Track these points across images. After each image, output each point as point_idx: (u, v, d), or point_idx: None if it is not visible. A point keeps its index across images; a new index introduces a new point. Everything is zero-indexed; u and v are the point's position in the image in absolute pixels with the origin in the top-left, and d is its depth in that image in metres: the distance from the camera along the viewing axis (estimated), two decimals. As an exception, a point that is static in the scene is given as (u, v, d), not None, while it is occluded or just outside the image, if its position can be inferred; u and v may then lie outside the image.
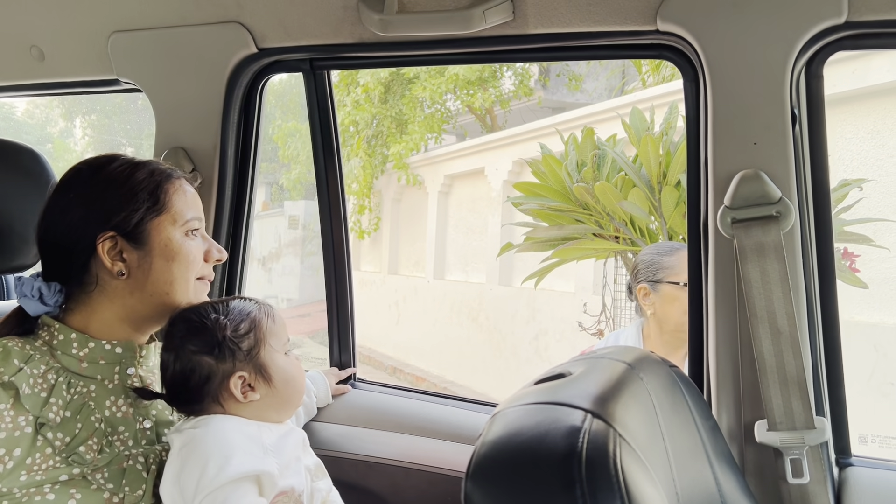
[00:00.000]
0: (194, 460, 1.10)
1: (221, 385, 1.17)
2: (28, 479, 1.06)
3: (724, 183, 1.31)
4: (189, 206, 1.26)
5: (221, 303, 1.23)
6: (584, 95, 10.89)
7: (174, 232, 1.23)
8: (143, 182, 1.24)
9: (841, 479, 1.33)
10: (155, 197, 1.23)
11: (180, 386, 1.18)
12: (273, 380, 1.20)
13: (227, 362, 1.17)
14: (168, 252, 1.22)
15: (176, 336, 1.19)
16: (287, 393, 1.23)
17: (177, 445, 1.14)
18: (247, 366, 1.18)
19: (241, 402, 1.18)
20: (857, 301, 4.43)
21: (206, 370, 1.17)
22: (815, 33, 1.25)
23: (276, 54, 1.69)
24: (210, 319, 1.19)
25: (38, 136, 17.67)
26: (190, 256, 1.24)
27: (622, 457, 0.73)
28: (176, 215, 1.24)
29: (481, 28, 1.44)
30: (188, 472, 1.09)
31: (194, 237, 1.26)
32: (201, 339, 1.18)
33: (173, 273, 1.22)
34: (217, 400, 1.18)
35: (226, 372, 1.17)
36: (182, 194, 1.26)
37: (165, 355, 1.20)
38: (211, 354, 1.17)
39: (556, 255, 3.84)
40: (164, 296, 1.22)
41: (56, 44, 1.85)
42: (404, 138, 10.34)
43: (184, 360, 1.17)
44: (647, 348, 2.28)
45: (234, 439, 1.13)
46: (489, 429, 0.81)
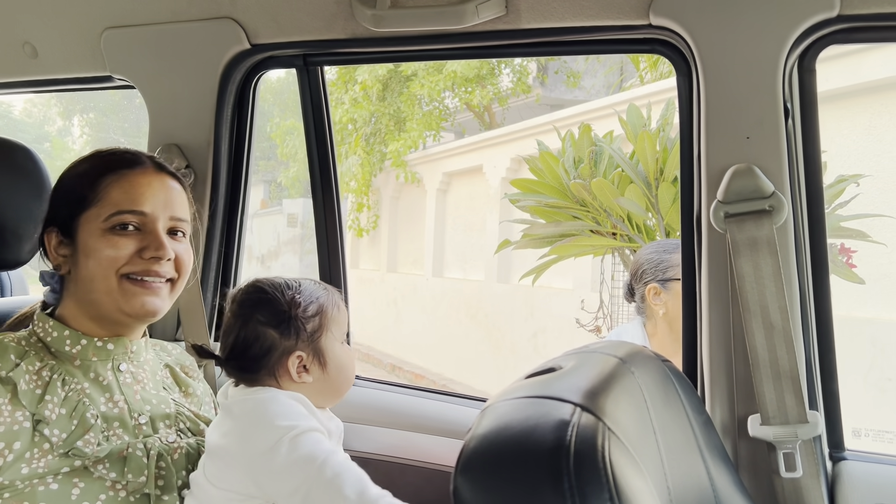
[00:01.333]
0: (262, 419, 1.12)
1: (280, 360, 1.19)
2: (30, 471, 1.07)
3: (717, 177, 1.31)
4: (126, 199, 1.21)
5: (295, 281, 1.24)
6: (582, 92, 10.88)
7: (96, 227, 1.19)
8: (80, 175, 1.24)
9: (834, 472, 1.34)
10: (84, 191, 1.21)
11: (240, 352, 1.19)
12: (328, 366, 1.22)
13: (290, 339, 1.19)
14: (87, 248, 1.20)
15: (247, 303, 1.21)
16: (338, 381, 1.24)
17: (236, 410, 1.16)
18: (307, 347, 1.20)
19: (294, 382, 1.20)
20: (854, 297, 4.43)
21: (268, 342, 1.18)
22: (808, 27, 1.25)
23: (269, 50, 1.69)
24: (283, 294, 1.21)
25: (36, 135, 17.65)
26: (104, 253, 1.18)
27: (611, 450, 0.73)
28: (102, 209, 1.20)
29: (474, 23, 1.44)
30: (259, 429, 1.11)
31: (124, 233, 1.20)
32: (270, 311, 1.19)
33: (90, 270, 1.19)
34: (272, 374, 1.19)
35: (287, 348, 1.19)
36: (120, 187, 1.21)
37: (232, 319, 1.21)
38: (277, 328, 1.19)
39: (553, 251, 3.84)
40: (91, 293, 1.21)
41: (49, 40, 1.85)
42: (402, 136, 10.33)
43: (249, 328, 1.19)
44: (655, 347, 2.27)
45: (295, 407, 1.16)
46: (479, 423, 0.81)
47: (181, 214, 1.27)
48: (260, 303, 1.20)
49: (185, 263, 1.28)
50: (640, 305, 2.35)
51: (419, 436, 1.60)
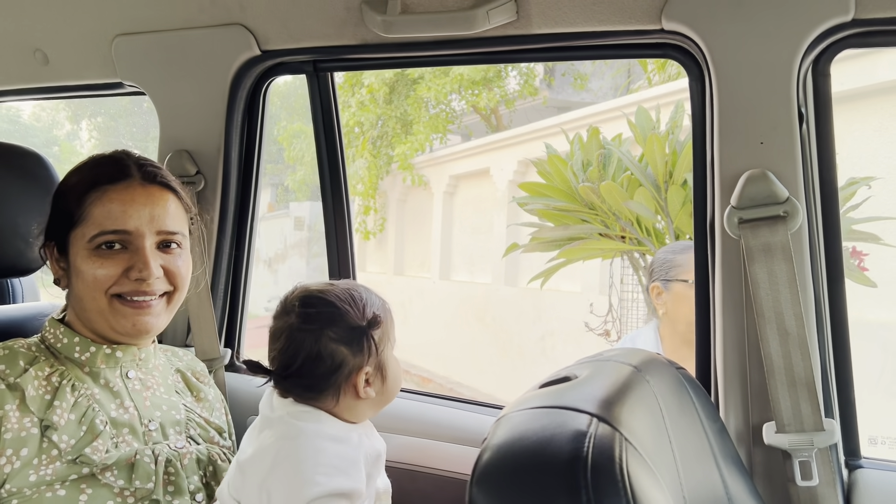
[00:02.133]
0: (288, 464, 1.07)
1: (348, 378, 1.12)
2: (38, 478, 1.07)
3: (731, 182, 1.30)
4: (109, 218, 1.17)
5: (356, 289, 1.17)
6: (590, 94, 10.86)
7: (82, 247, 1.17)
8: (67, 191, 1.22)
9: (850, 481, 1.32)
10: (71, 208, 1.18)
11: (307, 370, 1.11)
12: (388, 379, 1.17)
13: (361, 356, 1.13)
14: (76, 268, 1.18)
15: (317, 319, 1.12)
16: (392, 393, 1.20)
17: (274, 434, 1.11)
18: (373, 361, 1.14)
19: (357, 399, 1.14)
20: (866, 300, 4.40)
21: (339, 360, 1.11)
22: (822, 31, 1.24)
23: (280, 56, 1.69)
24: (355, 308, 1.13)
25: (45, 139, 17.74)
26: (87, 275, 1.16)
27: (628, 461, 0.72)
28: (87, 228, 1.17)
29: (485, 28, 1.43)
30: (280, 473, 1.07)
31: (109, 253, 1.17)
32: (344, 326, 1.12)
33: (80, 290, 1.18)
34: (338, 392, 1.13)
35: (356, 366, 1.12)
36: (102, 205, 1.17)
37: (299, 335, 1.12)
38: (349, 345, 1.12)
39: (561, 255, 3.83)
40: (83, 311, 1.19)
41: (60, 47, 1.86)
42: (409, 139, 10.33)
43: (320, 346, 1.11)
44: (665, 349, 2.26)
45: (342, 450, 1.10)
46: (494, 433, 0.80)
47: (172, 227, 1.22)
48: (332, 318, 1.12)
49: (181, 275, 1.24)
50: (649, 304, 2.37)
51: (430, 442, 1.59)
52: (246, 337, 1.93)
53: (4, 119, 16.56)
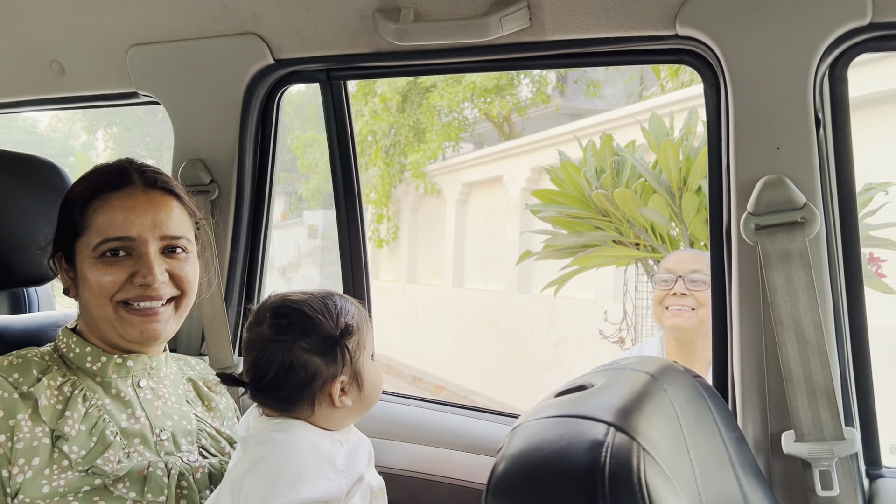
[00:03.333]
0: (264, 472, 1.06)
1: (322, 388, 1.11)
2: (51, 489, 1.07)
3: (747, 188, 1.29)
4: (111, 225, 1.17)
5: (328, 298, 1.16)
6: (602, 101, 10.85)
7: (87, 255, 1.17)
8: (70, 201, 1.22)
9: (872, 490, 1.30)
10: (74, 218, 1.19)
11: (280, 381, 1.10)
12: (364, 387, 1.16)
13: (335, 365, 1.12)
14: (83, 276, 1.18)
15: (289, 329, 1.11)
16: (372, 400, 1.19)
17: (251, 445, 1.10)
18: (348, 371, 1.13)
19: (334, 408, 1.13)
20: (883, 306, 4.35)
21: (312, 370, 1.10)
22: (839, 35, 1.23)
23: (293, 65, 1.70)
24: (328, 317, 1.13)
25: (61, 150, 17.93)
26: (93, 282, 1.16)
27: (646, 471, 0.72)
28: (91, 236, 1.17)
29: (498, 36, 1.43)
30: (255, 482, 1.06)
31: (113, 260, 1.17)
32: (317, 337, 1.11)
33: (87, 298, 1.18)
34: (312, 402, 1.12)
35: (330, 375, 1.11)
36: (104, 212, 1.18)
37: (272, 346, 1.11)
38: (322, 356, 1.11)
39: (575, 262, 3.82)
40: (92, 319, 1.20)
41: (76, 58, 1.87)
42: (422, 147, 10.36)
43: (293, 356, 1.10)
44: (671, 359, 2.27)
45: (308, 458, 1.09)
46: (509, 442, 0.80)
47: (176, 231, 1.22)
48: (305, 328, 1.11)
49: (188, 279, 1.23)
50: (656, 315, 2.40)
51: (444, 451, 1.59)
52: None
53: (21, 129, 16.74)
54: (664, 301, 2.31)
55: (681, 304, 2.28)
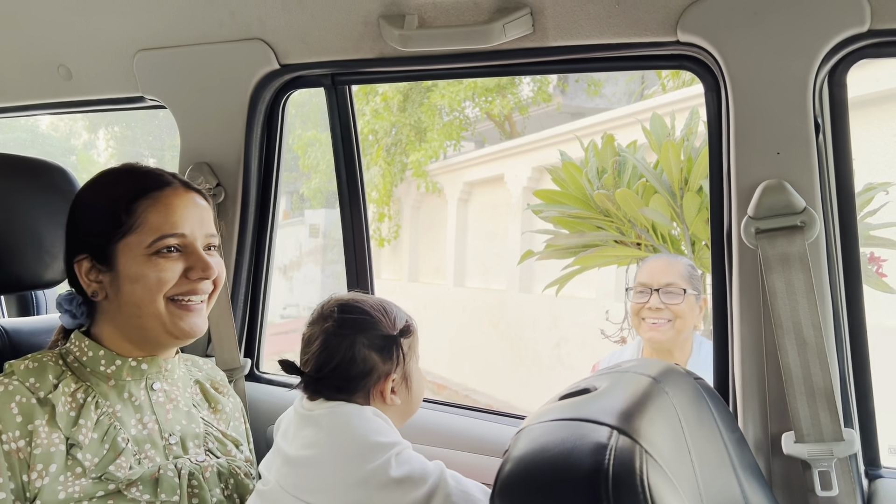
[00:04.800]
0: (358, 436, 1.12)
1: (377, 383, 1.20)
2: (66, 495, 1.09)
3: (748, 193, 1.31)
4: (165, 223, 1.20)
5: (385, 302, 1.25)
6: (604, 100, 10.85)
7: (139, 253, 1.18)
8: (111, 201, 1.21)
9: (871, 491, 1.32)
10: (118, 217, 1.19)
11: (341, 372, 1.18)
12: (412, 389, 1.24)
13: (389, 363, 1.20)
14: (132, 274, 1.18)
15: (353, 325, 1.20)
16: (416, 404, 1.26)
17: (319, 430, 1.15)
18: (400, 370, 1.21)
19: (383, 404, 1.20)
20: (884, 306, 4.36)
21: (369, 365, 1.19)
22: (838, 42, 1.24)
23: (298, 70, 1.71)
24: (387, 317, 1.22)
25: (63, 149, 17.92)
26: (152, 278, 1.18)
27: (649, 473, 0.73)
28: (144, 234, 1.18)
29: (501, 42, 1.45)
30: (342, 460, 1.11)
31: (169, 255, 1.20)
32: (376, 334, 1.20)
33: (137, 295, 1.18)
34: (367, 396, 1.20)
35: (385, 372, 1.20)
36: (156, 211, 1.20)
37: (335, 339, 1.19)
38: (380, 352, 1.19)
39: (577, 262, 3.83)
40: (136, 318, 1.20)
41: (83, 63, 1.89)
42: (423, 146, 10.36)
43: (354, 350, 1.18)
44: None
45: (384, 424, 1.16)
46: (515, 445, 0.81)
47: (212, 230, 1.27)
48: (366, 325, 1.20)
49: (221, 277, 1.28)
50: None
51: (449, 452, 1.60)
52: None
53: (23, 129, 16.73)
54: (640, 313, 2.34)
55: (657, 317, 2.31)
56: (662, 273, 2.34)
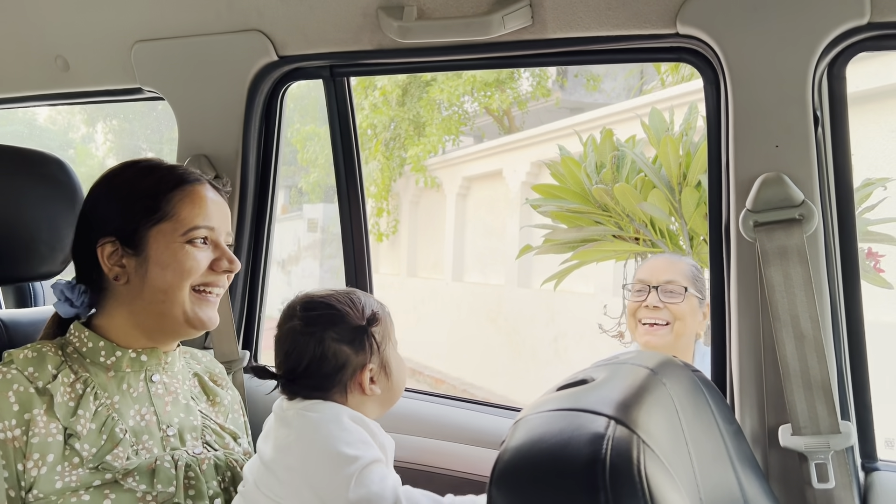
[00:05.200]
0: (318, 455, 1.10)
1: (353, 376, 1.18)
2: (63, 485, 1.09)
3: (746, 186, 1.31)
4: (198, 214, 1.24)
5: (352, 293, 1.24)
6: (603, 96, 10.85)
7: (173, 240, 1.21)
8: (148, 188, 1.24)
9: (867, 483, 1.32)
10: (157, 204, 1.22)
11: (313, 371, 1.17)
12: (392, 375, 1.23)
13: (363, 354, 1.19)
14: (164, 259, 1.21)
15: (318, 321, 1.18)
16: (398, 390, 1.25)
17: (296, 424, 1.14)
18: (376, 359, 1.20)
19: (363, 395, 1.19)
20: (882, 301, 4.37)
21: (342, 359, 1.17)
22: (837, 35, 1.24)
23: (297, 62, 1.71)
24: (354, 308, 1.20)
25: (61, 142, 17.89)
26: (186, 264, 1.21)
27: (646, 463, 0.73)
28: (178, 224, 1.22)
29: (500, 33, 1.44)
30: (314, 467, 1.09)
31: (200, 246, 1.23)
32: (344, 327, 1.18)
33: (167, 280, 1.21)
34: (344, 390, 1.18)
35: (359, 363, 1.19)
36: (191, 202, 1.24)
37: (303, 339, 1.18)
38: (351, 344, 1.18)
39: (575, 256, 3.83)
40: (160, 304, 1.22)
41: (80, 54, 1.88)
42: (422, 141, 10.35)
43: (324, 346, 1.17)
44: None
45: (354, 428, 1.14)
46: (512, 435, 0.81)
47: (230, 228, 1.31)
48: (333, 319, 1.19)
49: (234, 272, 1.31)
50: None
51: (445, 444, 1.61)
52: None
53: (20, 122, 16.70)
54: (637, 313, 2.21)
55: (654, 317, 2.16)
56: (663, 270, 2.21)
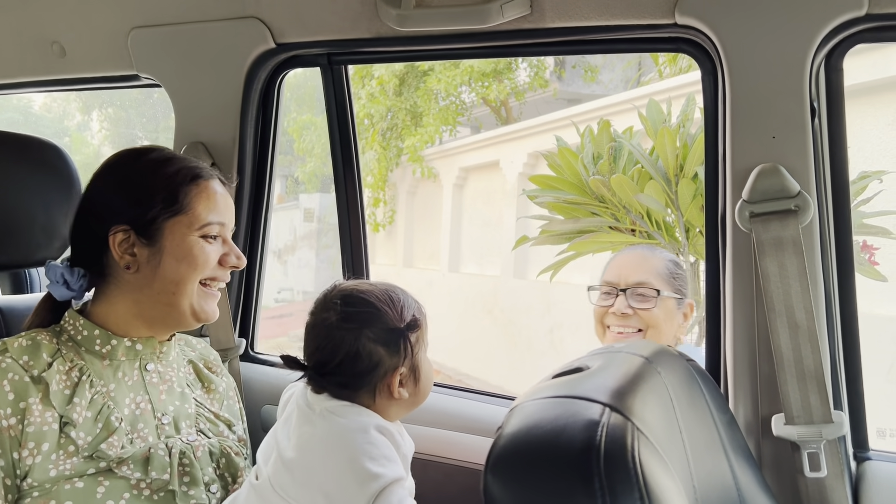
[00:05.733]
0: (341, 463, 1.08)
1: (383, 379, 1.15)
2: (58, 473, 1.09)
3: (743, 176, 1.31)
4: (212, 210, 1.25)
5: (394, 291, 1.20)
6: (600, 87, 10.83)
7: (189, 234, 1.22)
8: (166, 180, 1.24)
9: (859, 473, 1.33)
10: (174, 197, 1.22)
11: (346, 368, 1.14)
12: (421, 381, 1.19)
13: (397, 357, 1.15)
14: (178, 252, 1.22)
15: (356, 318, 1.15)
16: (424, 394, 1.21)
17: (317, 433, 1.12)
18: (408, 363, 1.16)
19: (391, 399, 1.16)
20: (876, 294, 4.39)
21: (376, 359, 1.14)
22: (835, 26, 1.24)
23: (294, 49, 1.70)
24: (393, 309, 1.16)
25: (56, 130, 17.81)
26: (200, 258, 1.23)
27: (640, 450, 0.74)
28: (194, 218, 1.23)
29: (498, 22, 1.44)
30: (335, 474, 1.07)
31: (212, 241, 1.25)
32: (382, 327, 1.14)
33: (180, 273, 1.22)
34: (373, 391, 1.15)
35: (392, 366, 1.15)
36: (206, 197, 1.25)
37: (339, 333, 1.14)
38: (386, 346, 1.14)
39: (571, 248, 3.83)
40: (169, 295, 1.22)
41: (77, 40, 1.88)
42: (419, 131, 10.33)
43: (359, 345, 1.13)
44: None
45: (379, 440, 1.10)
46: (508, 422, 0.82)
47: (233, 224, 1.33)
48: (371, 318, 1.15)
49: None
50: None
51: (440, 432, 1.61)
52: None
53: (15, 109, 16.61)
54: (604, 319, 1.93)
55: (623, 325, 1.88)
56: (633, 270, 1.90)
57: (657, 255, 1.95)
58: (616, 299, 1.88)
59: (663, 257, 1.95)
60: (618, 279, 1.91)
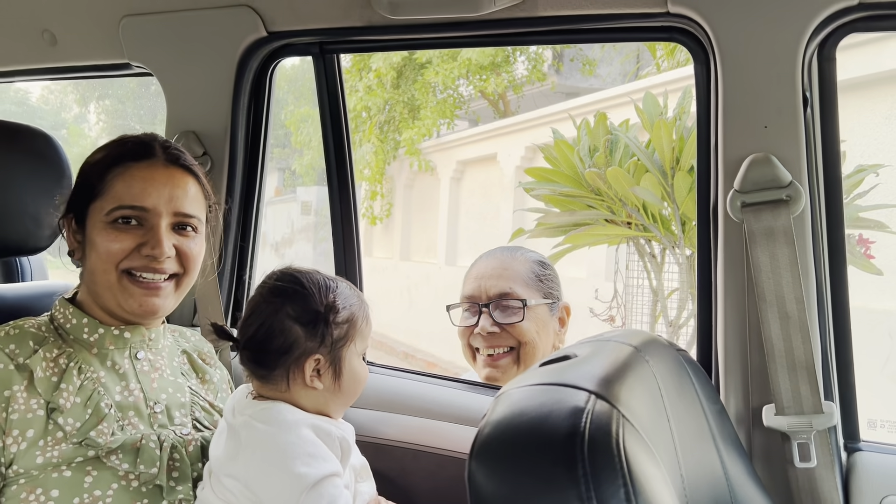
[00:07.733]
0: (265, 468, 1.08)
1: (297, 361, 1.14)
2: (45, 460, 1.09)
3: (734, 166, 1.30)
4: (129, 192, 1.19)
5: (332, 280, 1.20)
6: (598, 80, 10.81)
7: (99, 219, 1.19)
8: (95, 164, 1.23)
9: (849, 463, 1.33)
10: (95, 180, 1.20)
11: (260, 342, 1.14)
12: (342, 377, 1.17)
13: (314, 341, 1.14)
14: (91, 239, 1.20)
15: (279, 292, 1.15)
16: (347, 395, 1.20)
17: (239, 443, 1.12)
18: (327, 353, 1.15)
19: (305, 387, 1.15)
20: (872, 288, 4.39)
21: (291, 339, 1.13)
22: (828, 15, 1.24)
23: (286, 38, 1.69)
24: (319, 292, 1.16)
25: (53, 122, 17.77)
26: (103, 246, 1.18)
27: (625, 437, 0.74)
28: (106, 202, 1.19)
29: (491, 11, 1.43)
30: (262, 480, 1.07)
31: (124, 226, 1.19)
32: (302, 306, 1.14)
33: (93, 262, 1.19)
34: (286, 374, 1.14)
35: (308, 350, 1.14)
36: (123, 180, 1.20)
37: (261, 305, 1.16)
38: (304, 327, 1.14)
39: (567, 240, 3.83)
40: (94, 285, 1.21)
41: (68, 28, 1.86)
42: (416, 124, 10.32)
43: (277, 319, 1.13)
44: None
45: (309, 436, 1.11)
46: (493, 409, 0.81)
47: (189, 210, 1.24)
48: (294, 295, 1.15)
49: (192, 258, 1.25)
50: None
51: (432, 422, 1.61)
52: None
53: (13, 101, 16.56)
54: (471, 340, 1.69)
55: (492, 345, 1.65)
56: (493, 280, 1.67)
57: (518, 258, 1.72)
58: (479, 317, 1.66)
59: (526, 259, 1.73)
60: (478, 292, 1.68)
